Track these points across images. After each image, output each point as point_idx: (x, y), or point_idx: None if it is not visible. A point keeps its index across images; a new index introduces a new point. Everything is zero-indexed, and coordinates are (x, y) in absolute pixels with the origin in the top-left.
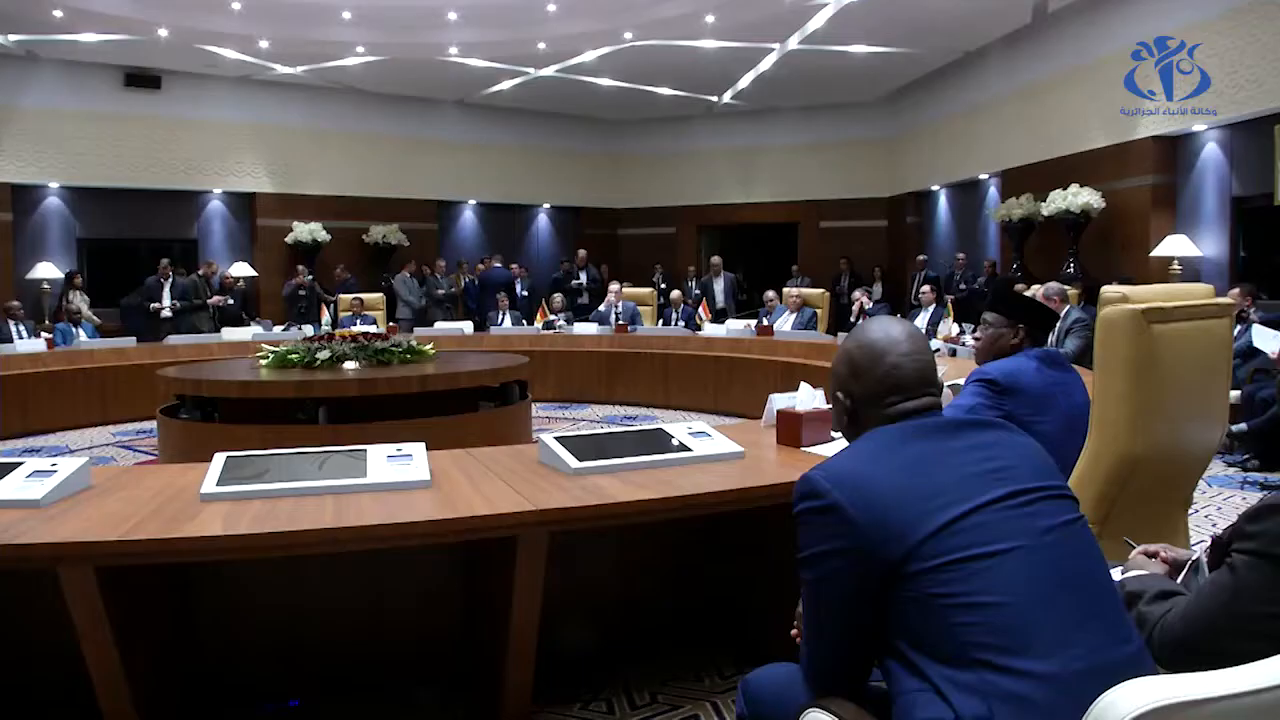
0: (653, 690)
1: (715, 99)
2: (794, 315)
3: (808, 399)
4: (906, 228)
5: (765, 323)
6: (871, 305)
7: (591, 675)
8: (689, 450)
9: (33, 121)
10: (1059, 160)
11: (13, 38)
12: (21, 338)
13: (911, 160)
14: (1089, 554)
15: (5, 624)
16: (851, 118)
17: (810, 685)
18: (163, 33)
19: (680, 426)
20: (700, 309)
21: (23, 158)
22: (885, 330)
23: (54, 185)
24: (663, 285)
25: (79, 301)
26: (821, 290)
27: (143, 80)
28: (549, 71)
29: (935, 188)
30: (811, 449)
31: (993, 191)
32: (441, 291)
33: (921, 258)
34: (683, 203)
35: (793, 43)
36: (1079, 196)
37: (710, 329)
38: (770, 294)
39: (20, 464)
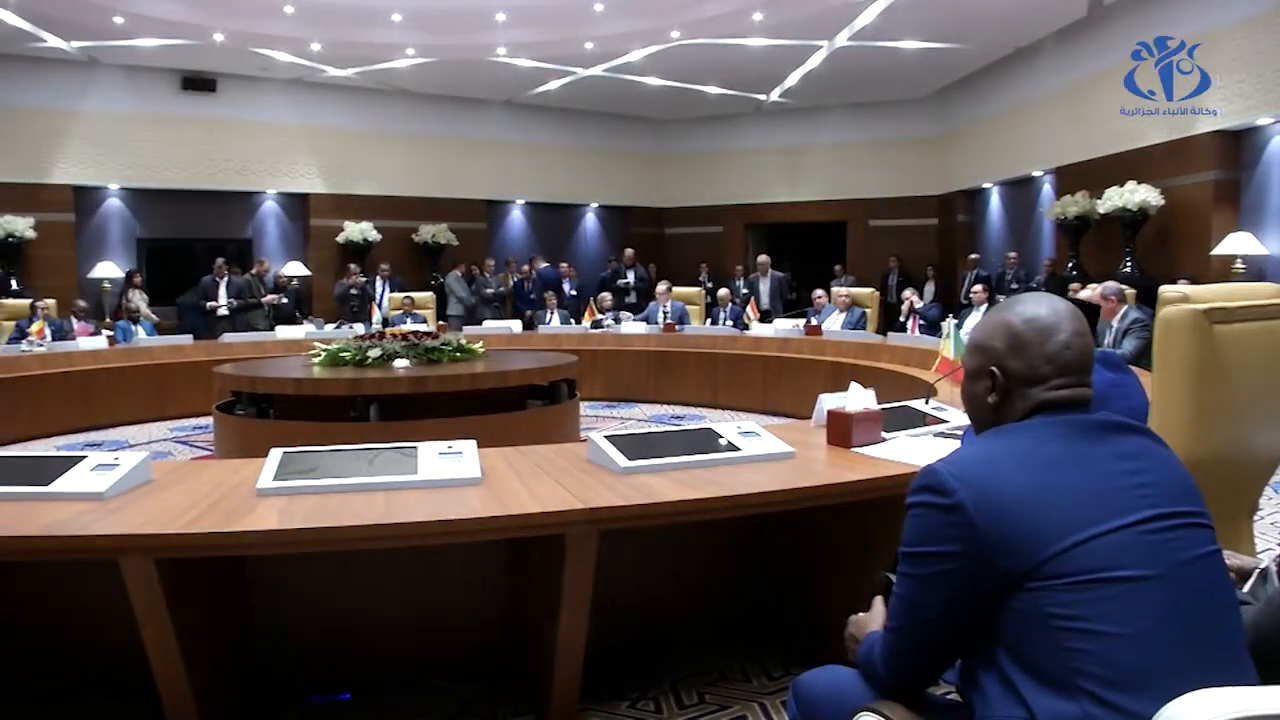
0: (700, 690)
1: (763, 97)
2: (843, 315)
3: (858, 399)
4: (957, 226)
5: (814, 322)
6: (922, 305)
7: (639, 674)
8: (738, 450)
9: (94, 125)
10: (1115, 156)
11: (75, 44)
12: (83, 335)
13: (962, 157)
14: (1223, 592)
15: (71, 612)
16: (901, 115)
17: (883, 680)
18: (218, 37)
19: (729, 426)
20: (748, 308)
21: (85, 160)
22: (1051, 306)
23: (114, 187)
24: (708, 285)
25: (138, 300)
26: (870, 290)
27: (199, 83)
28: (596, 71)
29: (987, 185)
30: (862, 450)
31: (1047, 189)
32: (490, 291)
33: (973, 256)
34: (730, 202)
35: (841, 39)
36: (1136, 193)
37: (758, 328)
38: (819, 293)
39: (84, 458)
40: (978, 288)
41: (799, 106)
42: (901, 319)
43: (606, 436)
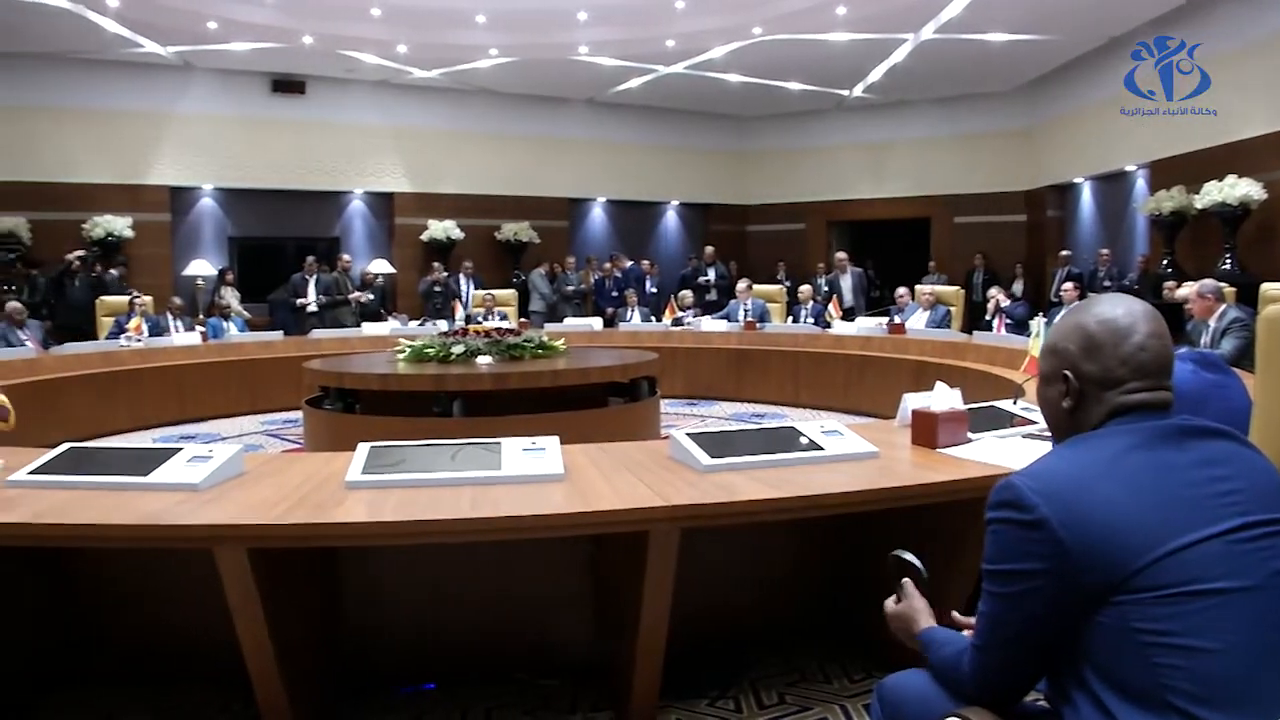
0: (780, 690)
1: (846, 93)
2: (927, 313)
3: (944, 399)
4: (1047, 222)
5: (897, 320)
6: (1009, 303)
7: (719, 672)
8: (821, 449)
9: (189, 127)
10: (1214, 149)
11: (171, 49)
12: (178, 331)
13: (1052, 152)
14: None
15: (169, 598)
16: (987, 108)
17: (970, 694)
18: (307, 40)
19: (812, 425)
20: (830, 306)
21: (180, 162)
22: (1127, 306)
23: (208, 187)
24: (786, 283)
25: (230, 297)
26: (955, 287)
27: (288, 86)
28: (678, 69)
29: (1078, 180)
30: (947, 450)
31: (1141, 183)
32: (571, 288)
33: (1064, 253)
34: (812, 198)
35: (927, 32)
36: (1237, 188)
37: (840, 326)
38: (902, 291)
39: (180, 449)
40: (1068, 286)
41: (883, 102)
42: (987, 317)
43: (688, 434)
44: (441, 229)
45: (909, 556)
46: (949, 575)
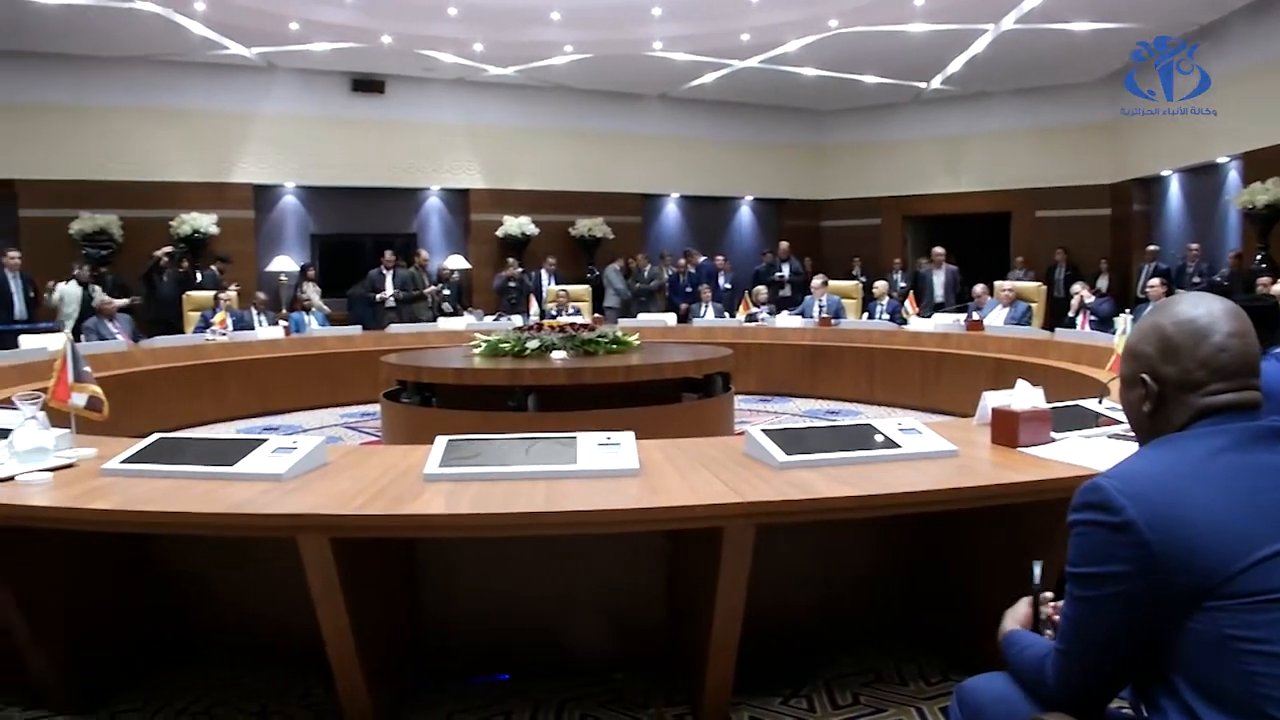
0: (855, 691)
1: (923, 85)
2: (1006, 310)
3: (1025, 397)
4: (1132, 216)
5: (975, 317)
6: (1093, 299)
7: (793, 670)
8: (898, 447)
9: (272, 127)
10: None
11: (255, 50)
12: (261, 325)
13: (1138, 144)
14: None
15: (253, 586)
16: (1070, 100)
17: (1055, 699)
18: (386, 39)
19: (889, 422)
20: (907, 302)
21: (264, 160)
22: (1206, 306)
23: (290, 185)
24: (862, 279)
25: (311, 292)
26: (1037, 284)
27: (368, 85)
28: (752, 63)
29: (1165, 173)
30: (1029, 450)
31: (1233, 175)
32: (642, 284)
33: (1151, 248)
34: (888, 193)
35: (1008, 22)
36: None
37: (917, 323)
38: (980, 287)
39: (265, 440)
40: (1155, 281)
41: (961, 94)
42: (1070, 314)
43: (763, 431)
44: (516, 225)
45: (1035, 565)
46: (1027, 580)
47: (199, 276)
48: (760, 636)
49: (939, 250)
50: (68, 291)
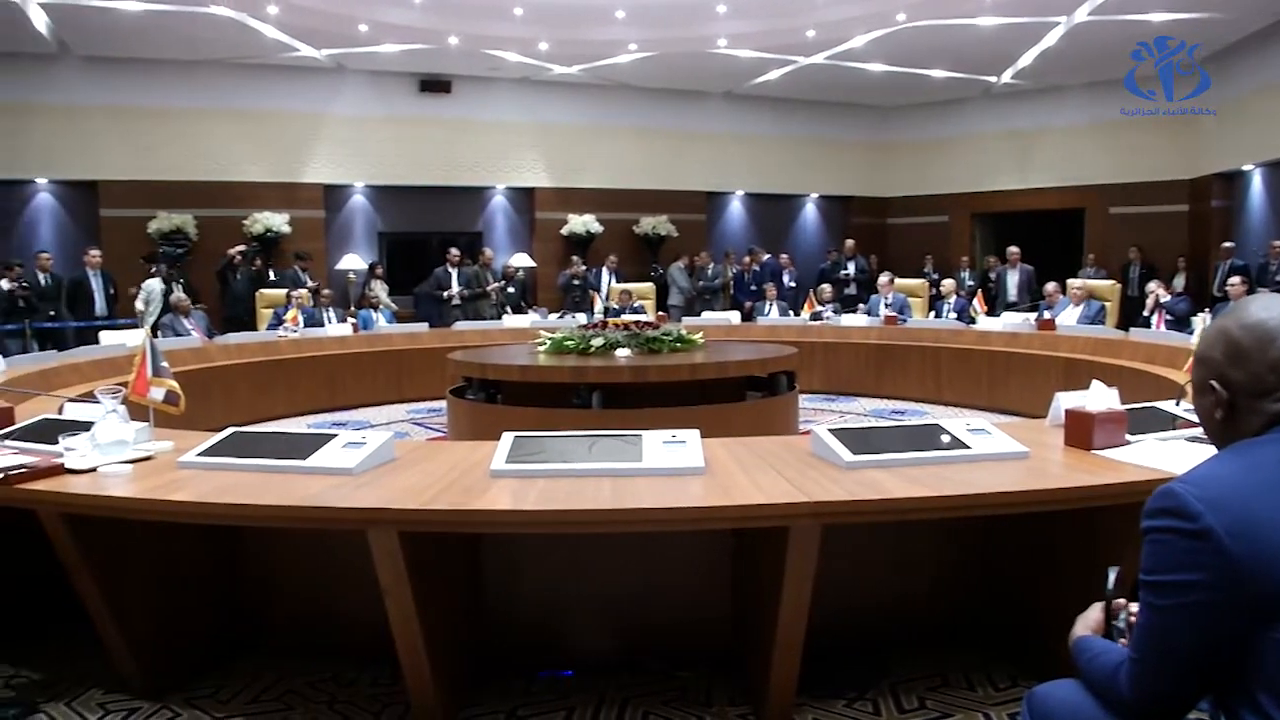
0: (920, 695)
1: (993, 79)
2: (1078, 308)
3: (1100, 398)
4: (1211, 212)
5: (1046, 316)
6: (1169, 298)
7: (857, 673)
8: (967, 447)
9: (341, 128)
10: None
11: (325, 52)
12: (330, 322)
13: (1218, 138)
14: None
15: (324, 577)
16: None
17: (1129, 709)
18: (453, 40)
19: (957, 423)
20: (975, 301)
21: (334, 160)
22: (1276, 310)
23: (359, 184)
24: (934, 276)
25: (379, 290)
26: (1110, 282)
27: (435, 86)
28: (818, 59)
29: (1247, 167)
30: (1104, 453)
31: None
32: (706, 283)
33: (1227, 245)
34: (956, 190)
35: (1081, 14)
36: None
37: (985, 322)
38: (1051, 286)
39: (335, 435)
40: (1235, 280)
41: (1032, 88)
42: (1145, 313)
43: (830, 430)
44: (581, 223)
45: (1111, 571)
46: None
47: (271, 274)
48: (825, 637)
49: (1013, 250)
50: (152, 289)
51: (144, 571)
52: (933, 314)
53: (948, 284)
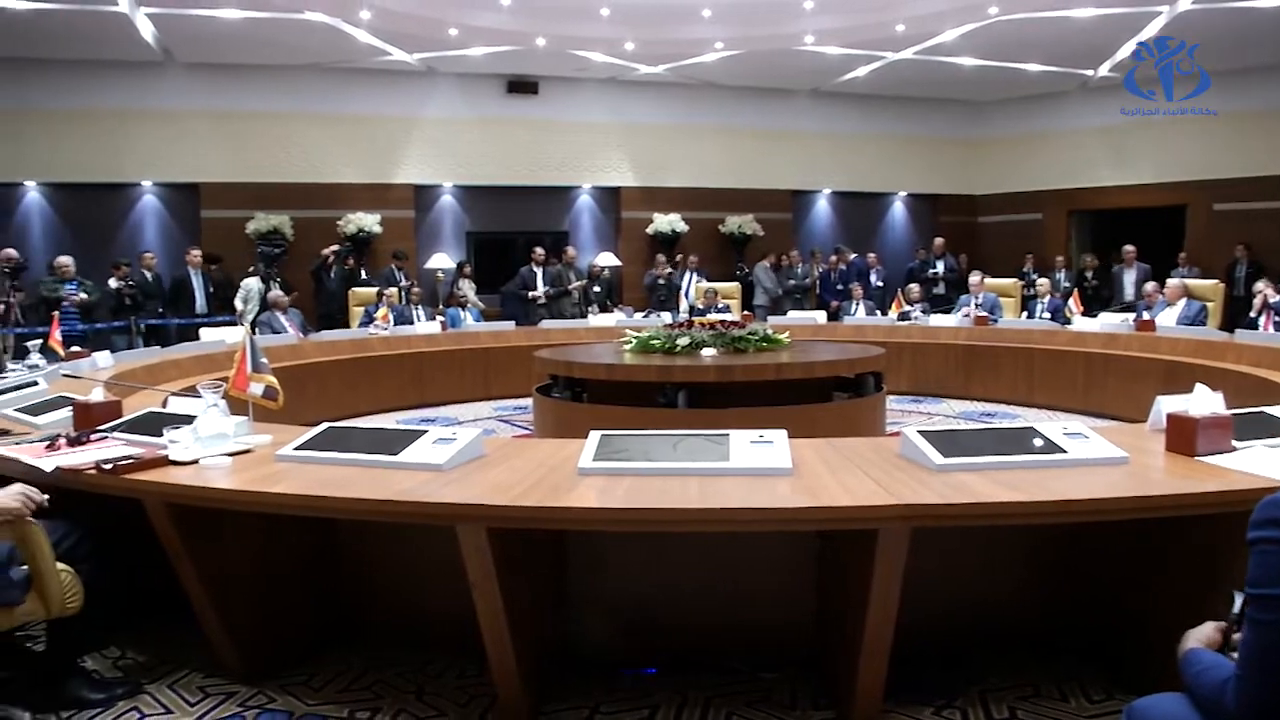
0: (1011, 704)
1: (1090, 72)
2: (1178, 309)
3: (1204, 402)
4: None
5: (1145, 317)
6: (1277, 299)
7: (946, 679)
8: (1063, 452)
9: (431, 129)
10: None
11: (416, 56)
12: (419, 320)
13: None
14: None
15: (412, 570)
16: (1256, 83)
17: None
18: (540, 42)
19: (1053, 426)
20: (1071, 300)
21: (424, 161)
22: None
23: (448, 185)
24: (1033, 276)
25: (466, 288)
26: (1214, 281)
27: (522, 87)
28: (907, 54)
29: None
30: (1208, 459)
31: None
32: (794, 281)
33: None
34: (1050, 186)
35: (1185, 3)
36: None
37: (1080, 323)
38: (1151, 285)
39: (426, 432)
40: None
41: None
42: (1252, 314)
43: (920, 431)
44: (666, 222)
45: (1237, 595)
46: (1204, 597)
47: (363, 273)
48: (912, 642)
49: (1129, 248)
50: (251, 287)
51: (243, 561)
52: (1025, 314)
53: (1043, 283)
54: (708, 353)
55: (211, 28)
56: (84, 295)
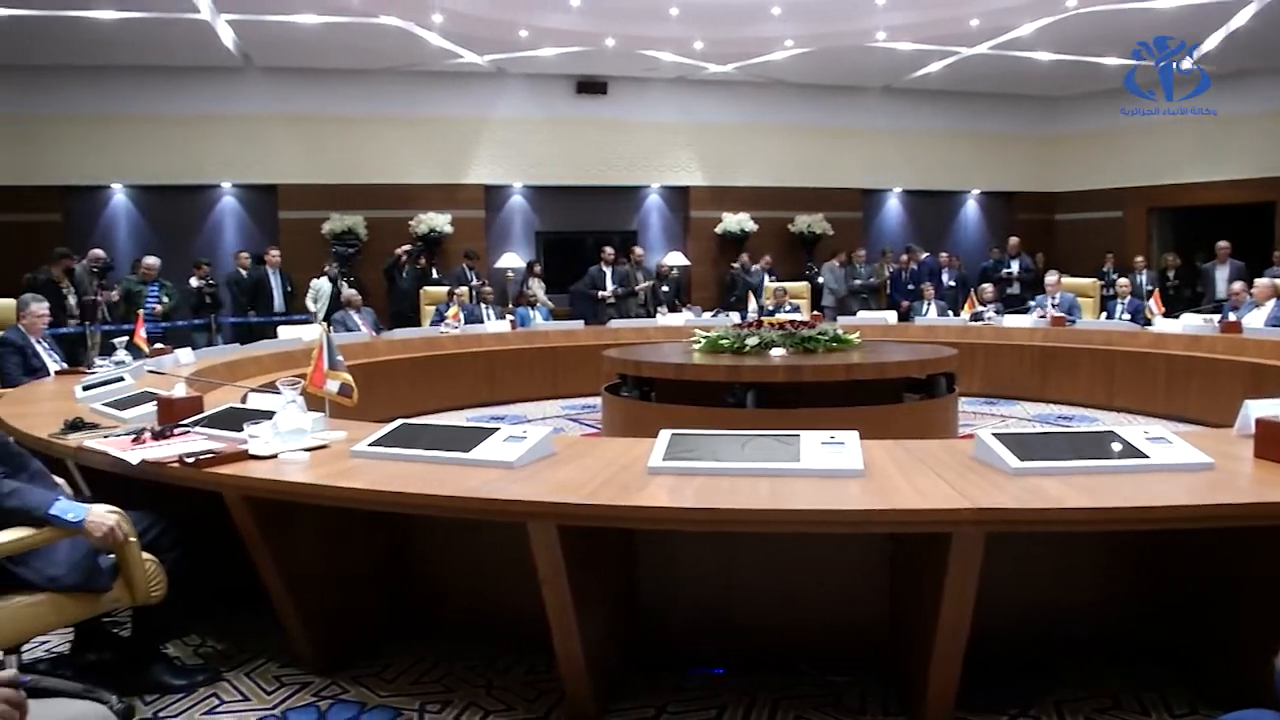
0: (1088, 715)
1: (1174, 66)
2: (1265, 310)
3: None
4: None
5: (1232, 318)
6: None
7: (1020, 688)
8: (1145, 457)
9: (501, 130)
10: None
11: (487, 58)
12: (489, 319)
13: None
14: None
15: (482, 566)
16: None
17: None
18: (609, 42)
19: (1134, 430)
20: (1152, 300)
21: (494, 162)
22: None
23: (518, 185)
24: (1113, 276)
25: (536, 288)
26: None
27: (591, 87)
28: (981, 49)
29: None
30: None
31: None
32: (859, 281)
33: None
34: (1130, 183)
35: None
36: None
37: (1162, 324)
38: (1238, 285)
39: (497, 429)
40: None
41: (1217, 73)
42: None
43: (995, 434)
44: (735, 221)
45: None
46: None
47: (434, 272)
48: (986, 647)
49: (1223, 244)
50: (321, 287)
51: (318, 555)
52: (1103, 315)
53: (1124, 283)
54: (777, 353)
55: (289, 33)
56: (163, 302)
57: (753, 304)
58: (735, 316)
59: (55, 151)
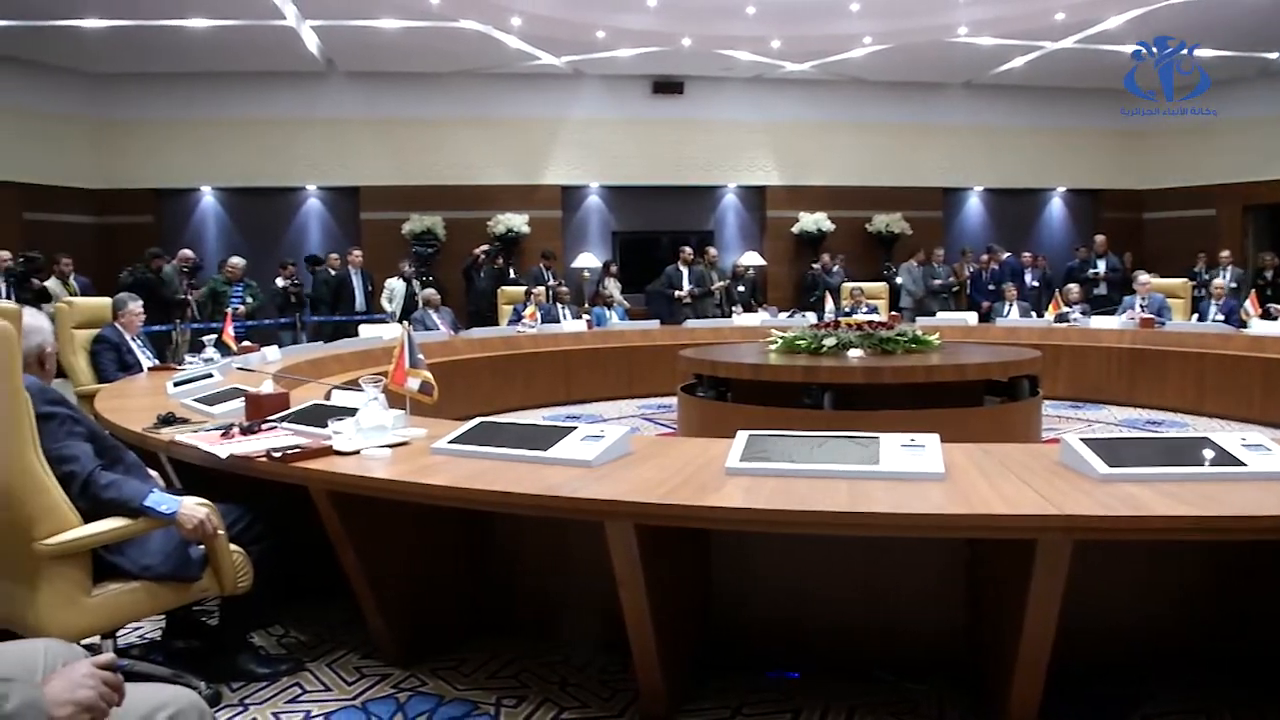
0: None
1: (1271, 56)
2: None
3: None
4: None
5: None
6: None
7: (1109, 700)
8: (1242, 465)
9: (577, 131)
10: None
11: (564, 59)
12: (566, 319)
13: None
14: None
15: (561, 564)
16: None
17: None
18: (686, 42)
19: (1228, 436)
20: (1248, 302)
21: (570, 162)
22: None
23: (594, 185)
24: (1205, 276)
25: (612, 287)
26: None
27: (668, 87)
28: (1066, 43)
29: None
30: None
31: None
32: (937, 281)
33: None
34: (1224, 180)
35: None
36: None
37: (1258, 326)
38: None
39: (575, 428)
40: None
41: None
42: None
43: (1082, 439)
44: (812, 221)
45: None
46: None
47: (512, 272)
48: (1071, 658)
49: None
50: (395, 287)
51: (400, 550)
52: (1195, 316)
53: (1217, 284)
54: (854, 354)
55: (370, 37)
56: (246, 302)
57: (830, 305)
58: (811, 317)
59: (148, 155)
